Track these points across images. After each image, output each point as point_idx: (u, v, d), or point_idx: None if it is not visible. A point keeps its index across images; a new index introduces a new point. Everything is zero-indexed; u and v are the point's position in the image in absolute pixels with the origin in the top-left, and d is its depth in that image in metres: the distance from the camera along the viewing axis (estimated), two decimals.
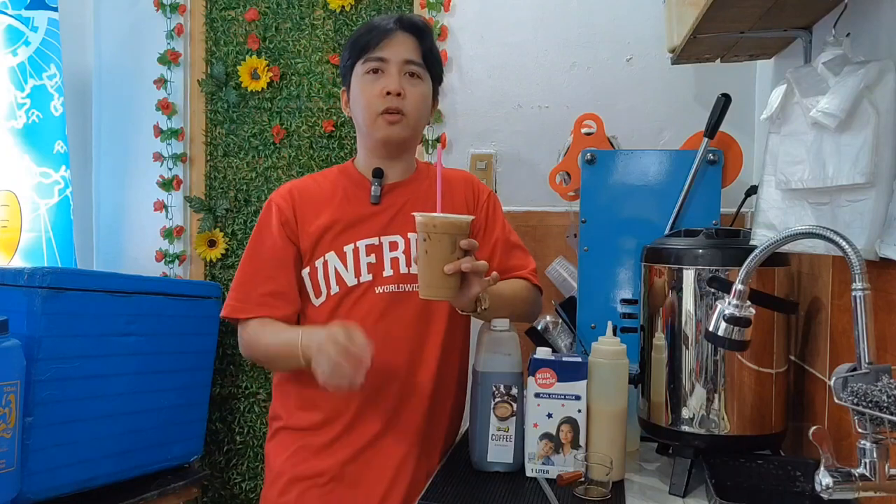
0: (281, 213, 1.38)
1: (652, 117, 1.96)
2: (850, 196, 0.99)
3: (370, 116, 1.35)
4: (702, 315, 1.19)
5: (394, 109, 1.33)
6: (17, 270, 1.70)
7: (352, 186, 1.42)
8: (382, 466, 1.34)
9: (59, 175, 2.20)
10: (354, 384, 1.16)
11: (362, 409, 1.34)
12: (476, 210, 1.47)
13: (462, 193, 1.47)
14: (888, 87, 0.94)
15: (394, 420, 1.35)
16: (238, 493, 2.29)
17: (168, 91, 2.28)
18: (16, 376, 1.56)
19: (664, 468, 1.30)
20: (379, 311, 1.35)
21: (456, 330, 1.42)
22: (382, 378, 1.33)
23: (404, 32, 1.36)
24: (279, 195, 1.41)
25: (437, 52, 1.43)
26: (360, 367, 1.15)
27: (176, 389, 2.02)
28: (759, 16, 1.30)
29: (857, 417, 0.81)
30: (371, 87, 1.35)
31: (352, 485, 1.35)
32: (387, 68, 1.35)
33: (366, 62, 1.35)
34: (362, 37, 1.36)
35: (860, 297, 0.83)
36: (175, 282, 2.18)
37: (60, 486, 1.71)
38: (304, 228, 1.37)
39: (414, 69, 1.36)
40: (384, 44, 1.34)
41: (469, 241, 1.18)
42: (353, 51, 1.38)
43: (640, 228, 1.54)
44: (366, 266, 1.36)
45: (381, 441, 1.35)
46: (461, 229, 1.17)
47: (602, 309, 1.57)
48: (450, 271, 1.15)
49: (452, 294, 1.19)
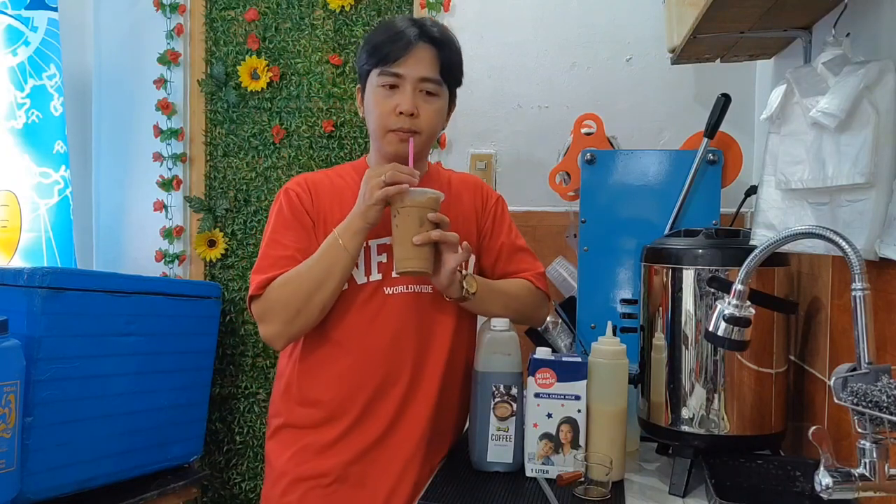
0: (300, 198, 1.36)
1: (652, 117, 1.96)
2: (849, 196, 0.99)
3: (381, 130, 1.34)
4: (701, 315, 1.19)
5: (406, 129, 1.32)
6: (16, 270, 1.70)
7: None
8: (387, 467, 1.34)
9: (58, 175, 2.20)
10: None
11: (367, 409, 1.34)
12: (483, 214, 1.47)
13: (470, 198, 1.47)
14: (888, 87, 0.94)
15: (399, 421, 1.34)
16: (238, 493, 2.29)
17: (168, 91, 2.29)
18: (15, 376, 1.56)
19: (664, 468, 1.30)
20: (387, 311, 1.34)
21: (462, 332, 1.42)
22: (388, 378, 1.33)
23: (425, 45, 1.32)
24: (296, 183, 1.39)
25: (457, 61, 1.39)
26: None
27: (176, 389, 2.02)
28: (758, 16, 1.30)
29: (856, 417, 0.81)
30: (385, 102, 1.32)
31: (356, 485, 1.34)
32: (402, 85, 1.32)
33: (381, 75, 1.32)
34: (383, 45, 1.32)
35: (860, 297, 0.83)
36: (175, 282, 2.18)
37: (60, 486, 1.71)
38: (319, 220, 1.36)
39: (430, 87, 1.34)
40: (403, 59, 1.31)
41: (437, 215, 1.22)
42: (371, 56, 1.34)
43: (639, 228, 1.55)
44: (376, 265, 1.35)
45: (386, 442, 1.34)
46: (428, 204, 1.23)
47: (602, 309, 1.57)
48: (418, 242, 1.21)
49: (426, 265, 1.23)
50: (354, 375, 1.34)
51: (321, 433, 1.35)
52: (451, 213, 1.32)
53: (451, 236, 1.24)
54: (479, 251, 1.46)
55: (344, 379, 1.34)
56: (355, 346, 1.34)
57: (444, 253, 1.25)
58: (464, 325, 1.42)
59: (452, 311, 1.38)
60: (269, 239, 1.36)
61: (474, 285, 1.30)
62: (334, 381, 1.34)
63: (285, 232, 1.35)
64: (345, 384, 1.34)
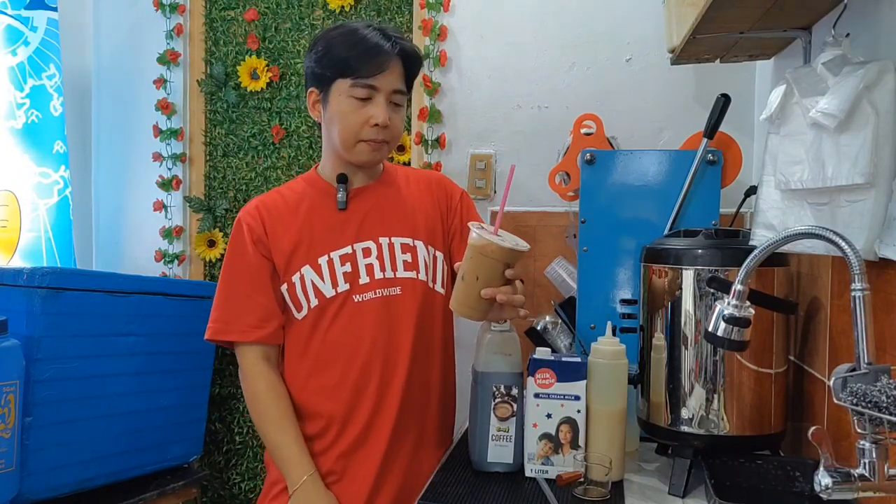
0: (252, 231, 1.36)
1: (651, 117, 1.96)
2: (849, 196, 0.99)
3: (349, 140, 1.33)
4: (701, 315, 1.19)
5: (380, 140, 1.33)
6: (16, 270, 1.70)
7: (318, 195, 1.40)
8: (367, 462, 1.35)
9: (58, 175, 2.20)
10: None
11: (349, 411, 1.35)
12: (450, 212, 1.46)
13: (433, 195, 1.46)
14: (887, 88, 0.94)
15: (374, 418, 1.35)
16: (237, 494, 2.29)
17: (167, 91, 2.28)
18: (15, 376, 1.56)
19: (663, 468, 1.30)
20: (360, 317, 1.35)
21: (432, 331, 1.41)
22: (362, 377, 1.34)
23: (397, 59, 1.33)
24: (247, 213, 1.38)
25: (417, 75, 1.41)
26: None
27: (175, 389, 2.02)
28: (758, 16, 1.30)
29: (856, 418, 0.81)
30: (356, 113, 1.31)
31: (339, 481, 1.35)
32: (376, 97, 1.31)
33: (354, 86, 1.30)
34: (354, 59, 1.30)
35: (859, 297, 0.83)
36: (174, 282, 2.18)
37: (59, 486, 1.71)
38: (276, 245, 1.36)
39: (399, 99, 1.35)
40: (378, 73, 1.30)
41: (515, 273, 1.14)
42: (339, 66, 1.31)
43: (639, 229, 1.54)
44: (342, 276, 1.35)
45: (366, 438, 1.35)
46: (515, 258, 1.13)
47: (601, 309, 1.57)
48: (486, 296, 1.13)
49: (481, 317, 1.17)
50: (338, 383, 1.35)
51: (315, 442, 1.36)
52: (414, 210, 1.34)
53: (518, 300, 1.16)
54: (449, 250, 1.46)
55: (329, 389, 1.36)
56: (335, 356, 1.35)
57: (505, 308, 1.17)
58: (434, 322, 1.42)
59: (417, 310, 1.38)
60: (224, 276, 1.39)
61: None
62: (320, 394, 1.36)
63: (240, 269, 1.37)
64: (331, 393, 1.35)
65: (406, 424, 1.37)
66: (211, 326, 1.39)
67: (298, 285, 1.35)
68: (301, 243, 1.36)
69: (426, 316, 1.39)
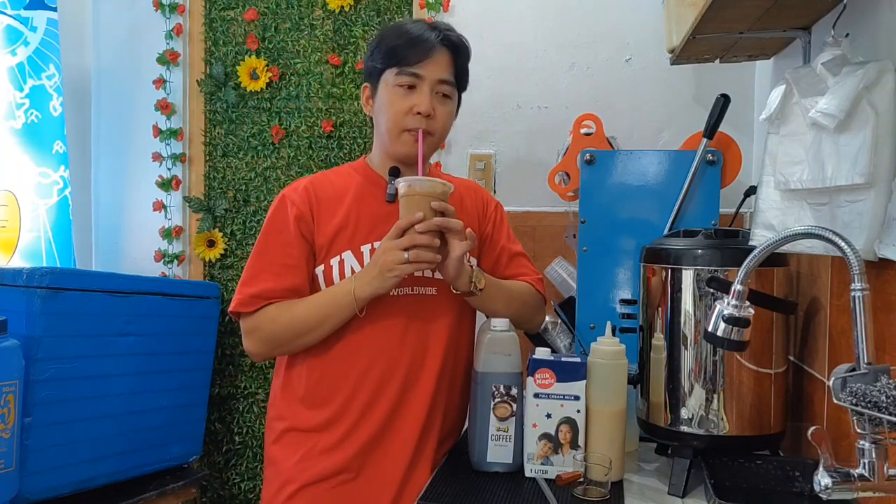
0: (296, 208, 1.36)
1: (651, 118, 1.96)
2: (849, 196, 0.99)
3: (395, 130, 1.34)
4: (701, 315, 1.19)
5: (424, 131, 1.33)
6: (16, 270, 1.70)
7: (367, 184, 1.41)
8: (390, 461, 1.34)
9: (58, 175, 2.20)
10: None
11: (367, 406, 1.34)
12: (484, 219, 1.49)
13: (472, 202, 1.48)
14: (887, 88, 0.94)
15: (397, 413, 1.35)
16: (237, 494, 2.29)
17: (167, 91, 2.28)
18: (15, 376, 1.56)
19: (663, 468, 1.30)
20: (393, 312, 1.35)
21: (462, 332, 1.43)
22: (385, 375, 1.34)
23: (443, 48, 1.34)
24: (294, 190, 1.39)
25: (468, 67, 1.42)
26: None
27: (175, 390, 2.02)
28: (758, 16, 1.30)
29: (855, 418, 0.81)
30: (401, 101, 1.33)
31: (360, 481, 1.34)
32: (420, 85, 1.33)
33: (399, 74, 1.33)
34: (401, 48, 1.33)
35: (859, 297, 0.83)
36: (174, 282, 2.18)
37: (59, 486, 1.71)
38: (321, 226, 1.36)
39: (446, 90, 1.36)
40: (423, 61, 1.32)
41: (441, 204, 1.22)
42: (387, 57, 1.34)
43: (639, 229, 1.55)
44: None
45: (386, 437, 1.34)
46: (433, 193, 1.23)
47: (601, 309, 1.57)
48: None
49: (432, 258, 1.24)
50: (361, 376, 1.34)
51: (327, 434, 1.35)
52: (456, 214, 1.32)
53: (456, 223, 1.24)
54: (479, 255, 1.46)
55: (351, 380, 1.35)
56: (362, 348, 1.35)
57: (451, 241, 1.25)
58: (464, 325, 1.43)
59: (453, 312, 1.39)
60: (258, 250, 1.37)
61: (483, 281, 1.33)
62: (342, 383, 1.35)
63: (276, 245, 1.36)
64: (351, 385, 1.35)
65: (433, 424, 1.37)
66: (237, 299, 1.36)
67: (336, 268, 1.35)
68: (346, 228, 1.36)
69: (458, 320, 1.40)
